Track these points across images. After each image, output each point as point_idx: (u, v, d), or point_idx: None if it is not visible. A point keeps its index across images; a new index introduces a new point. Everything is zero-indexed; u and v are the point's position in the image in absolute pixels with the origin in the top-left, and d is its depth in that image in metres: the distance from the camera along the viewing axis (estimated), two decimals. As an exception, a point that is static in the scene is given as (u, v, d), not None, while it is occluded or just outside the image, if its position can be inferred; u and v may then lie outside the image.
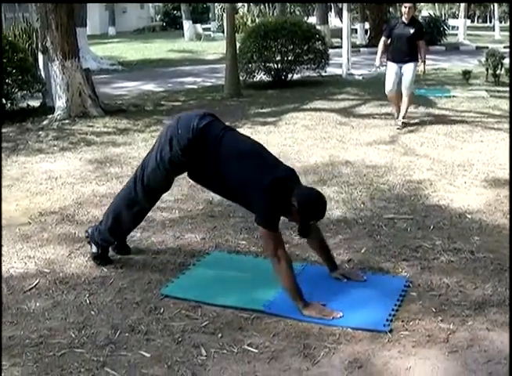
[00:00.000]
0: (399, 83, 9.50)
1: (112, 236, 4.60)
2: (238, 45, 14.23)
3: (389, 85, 9.56)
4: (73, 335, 3.63)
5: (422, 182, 6.61)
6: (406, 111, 9.64)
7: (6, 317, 3.85)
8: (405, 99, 9.59)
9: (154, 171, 4.26)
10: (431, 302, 3.92)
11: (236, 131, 4.36)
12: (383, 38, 9.71)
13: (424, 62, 9.59)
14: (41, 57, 12.26)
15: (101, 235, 4.58)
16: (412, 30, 9.26)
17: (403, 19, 9.37)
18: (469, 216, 5.54)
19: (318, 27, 18.99)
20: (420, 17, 45.02)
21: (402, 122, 9.45)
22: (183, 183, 6.61)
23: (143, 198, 4.41)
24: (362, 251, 4.77)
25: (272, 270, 3.88)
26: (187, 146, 4.06)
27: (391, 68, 9.50)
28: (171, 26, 46.08)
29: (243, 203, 4.14)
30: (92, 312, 3.90)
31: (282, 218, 3.97)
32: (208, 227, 5.36)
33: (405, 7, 9.29)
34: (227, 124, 4.57)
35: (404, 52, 9.34)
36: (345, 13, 17.10)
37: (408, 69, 9.38)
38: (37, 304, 4.03)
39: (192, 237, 5.13)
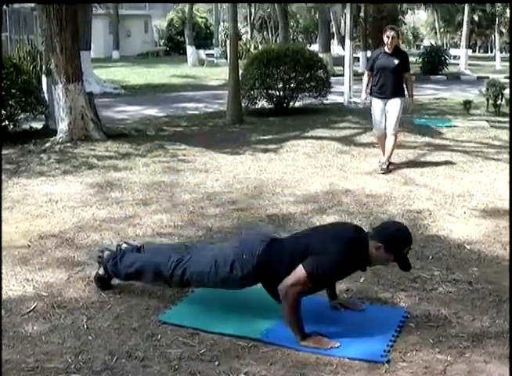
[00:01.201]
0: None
1: (124, 279, 4.55)
2: (241, 71, 14.31)
3: (378, 124, 8.75)
4: (69, 360, 3.62)
5: (421, 212, 6.62)
6: (391, 152, 8.74)
7: (3, 340, 3.85)
8: (389, 139, 8.66)
9: (201, 277, 4.14)
10: (429, 333, 3.92)
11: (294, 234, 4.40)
12: (366, 72, 8.87)
13: (412, 97, 8.84)
14: (44, 80, 12.34)
15: (115, 268, 4.47)
16: (396, 61, 8.40)
17: (386, 49, 8.49)
18: (468, 247, 5.55)
19: (320, 55, 19.10)
20: (421, 47, 45.40)
21: (387, 164, 8.60)
22: (183, 209, 6.65)
23: (174, 283, 4.31)
24: (361, 280, 4.77)
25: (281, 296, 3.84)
26: (251, 272, 3.99)
27: (377, 105, 8.65)
28: (174, 51, 46.44)
29: None
30: (90, 337, 3.90)
31: None
32: (207, 254, 5.35)
33: (388, 37, 8.39)
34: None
35: (388, 85, 8.48)
36: (347, 42, 17.24)
37: (393, 106, 8.52)
38: (35, 327, 4.03)
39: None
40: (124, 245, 4.70)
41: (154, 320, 4.11)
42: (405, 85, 8.69)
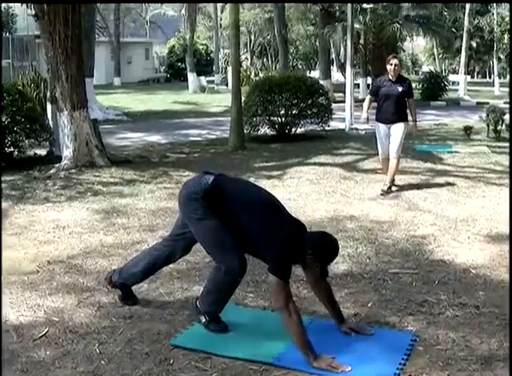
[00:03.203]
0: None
1: (136, 277, 4.79)
2: (243, 98, 14.42)
3: (381, 148, 9.22)
4: (83, 385, 3.66)
5: (426, 237, 6.67)
6: (393, 176, 9.04)
7: (16, 365, 3.89)
8: (392, 163, 9.01)
9: (202, 230, 4.31)
10: (438, 357, 3.96)
11: (249, 182, 4.74)
12: (368, 96, 9.48)
13: (415, 122, 9.24)
14: (49, 107, 12.47)
15: (120, 275, 4.79)
16: (400, 89, 8.89)
17: (390, 76, 8.95)
18: (473, 271, 5.60)
19: (321, 82, 19.24)
20: (420, 72, 45.66)
21: (388, 188, 8.83)
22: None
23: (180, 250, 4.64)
24: (369, 305, 4.82)
25: (282, 322, 3.95)
26: (205, 195, 4.18)
27: (381, 130, 9.11)
28: (175, 77, 46.75)
29: (257, 253, 4.22)
30: (102, 362, 3.94)
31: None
32: (215, 279, 5.40)
33: (391, 64, 8.87)
34: (232, 176, 4.71)
35: (392, 111, 8.91)
36: (348, 68, 17.43)
37: (396, 130, 8.93)
38: (47, 352, 4.07)
39: (200, 289, 5.15)
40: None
41: (166, 345, 4.15)
42: (408, 111, 9.10)
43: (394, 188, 9.01)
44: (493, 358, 3.93)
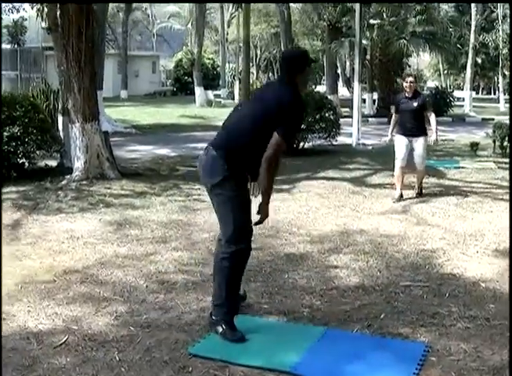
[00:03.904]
0: (409, 155, 9.64)
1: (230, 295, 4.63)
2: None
3: (400, 158, 9.58)
4: (105, 391, 3.75)
5: (435, 251, 6.76)
6: (421, 183, 9.90)
7: (38, 371, 3.99)
8: (420, 172, 9.81)
9: (235, 204, 4.67)
10: (450, 367, 4.04)
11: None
12: (394, 115, 9.97)
13: (436, 131, 9.78)
14: (60, 118, 12.60)
15: (222, 307, 4.58)
16: (415, 104, 9.48)
17: (406, 93, 9.62)
18: (483, 285, 5.69)
19: (328, 97, 19.36)
20: (425, 88, 45.82)
21: (420, 190, 9.80)
22: (203, 247, 6.78)
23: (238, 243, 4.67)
24: (381, 316, 4.91)
25: (264, 167, 4.43)
26: (227, 163, 4.50)
27: (401, 141, 9.63)
28: (181, 91, 47.01)
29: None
30: (123, 369, 4.02)
31: None
32: (230, 290, 5.48)
33: (407, 82, 9.59)
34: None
35: (411, 125, 9.54)
36: (356, 84, 17.56)
37: (419, 144, 9.58)
38: (68, 359, 4.16)
39: (215, 300, 5.26)
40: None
41: (184, 353, 4.23)
42: (429, 123, 9.77)
43: (402, 203, 9.16)
44: (505, 368, 4.01)
